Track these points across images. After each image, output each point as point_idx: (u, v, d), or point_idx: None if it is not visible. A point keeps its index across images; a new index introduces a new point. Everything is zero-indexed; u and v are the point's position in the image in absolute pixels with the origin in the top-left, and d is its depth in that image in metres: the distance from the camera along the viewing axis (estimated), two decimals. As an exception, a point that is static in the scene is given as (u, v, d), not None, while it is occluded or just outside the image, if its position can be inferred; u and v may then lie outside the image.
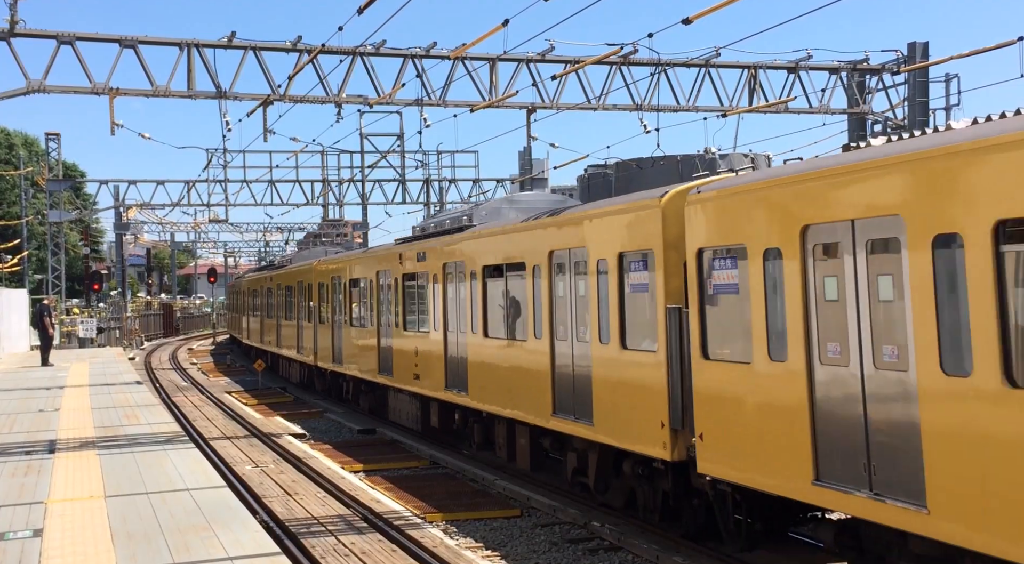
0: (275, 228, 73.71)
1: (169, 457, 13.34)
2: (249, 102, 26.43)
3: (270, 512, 12.92)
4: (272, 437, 19.92)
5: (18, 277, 60.01)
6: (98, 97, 24.93)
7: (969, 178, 7.16)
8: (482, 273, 15.53)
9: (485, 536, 12.33)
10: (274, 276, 35.58)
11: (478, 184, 53.13)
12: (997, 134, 7.07)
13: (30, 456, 13.70)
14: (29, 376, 27.57)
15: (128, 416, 18.00)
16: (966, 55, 23.10)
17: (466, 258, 16.30)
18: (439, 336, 17.47)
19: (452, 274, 17.01)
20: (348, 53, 26.15)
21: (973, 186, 7.12)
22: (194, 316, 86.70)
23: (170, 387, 31.84)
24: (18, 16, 23.25)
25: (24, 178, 58.01)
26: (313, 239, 62.54)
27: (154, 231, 78.85)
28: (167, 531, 9.03)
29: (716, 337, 10.10)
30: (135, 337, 56.32)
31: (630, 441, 11.42)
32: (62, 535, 9.00)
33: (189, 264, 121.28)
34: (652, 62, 28.42)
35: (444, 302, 17.26)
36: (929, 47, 29.41)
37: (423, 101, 27.56)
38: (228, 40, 25.88)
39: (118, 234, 60.16)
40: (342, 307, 24.41)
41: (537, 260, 13.67)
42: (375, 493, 14.28)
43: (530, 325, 13.87)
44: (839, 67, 30.65)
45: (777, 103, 29.53)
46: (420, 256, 18.53)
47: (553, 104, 28.51)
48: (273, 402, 27.55)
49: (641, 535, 11.46)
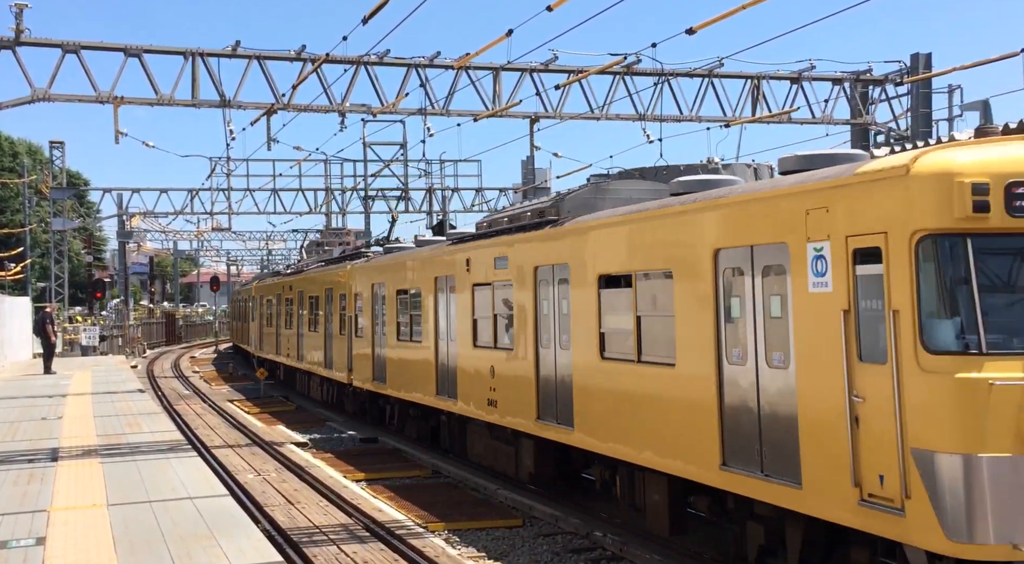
0: (278, 236, 73.76)
1: (171, 465, 13.33)
2: (253, 111, 26.49)
3: (272, 521, 12.92)
4: (274, 446, 19.91)
5: (21, 285, 60.05)
6: (102, 106, 24.98)
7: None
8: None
9: (487, 545, 12.31)
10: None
11: (481, 193, 53.20)
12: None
13: (32, 464, 13.70)
14: (32, 384, 27.58)
15: (130, 424, 18.00)
16: (969, 66, 23.11)
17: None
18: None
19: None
20: (352, 62, 26.20)
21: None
22: (196, 324, 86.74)
23: (172, 395, 31.84)
24: (24, 25, 23.34)
25: (28, 186, 58.09)
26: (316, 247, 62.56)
27: (157, 239, 78.96)
28: (169, 539, 9.02)
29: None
30: (137, 345, 56.35)
31: None
32: (64, 543, 8.99)
33: (192, 272, 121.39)
34: (655, 72, 28.46)
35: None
36: (932, 58, 29.42)
37: (426, 110, 27.62)
38: (232, 49, 25.95)
39: (121, 242, 60.27)
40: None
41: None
42: (377, 502, 14.27)
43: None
44: (842, 78, 30.68)
45: (780, 113, 29.56)
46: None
47: (556, 114, 28.55)
48: (275, 411, 27.54)
49: (643, 545, 11.44)
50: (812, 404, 8.34)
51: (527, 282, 14.08)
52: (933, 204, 7.31)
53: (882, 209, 7.70)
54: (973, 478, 6.93)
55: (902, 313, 7.44)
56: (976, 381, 7.05)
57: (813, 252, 8.36)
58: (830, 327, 8.11)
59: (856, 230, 7.94)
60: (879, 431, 7.62)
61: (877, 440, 7.63)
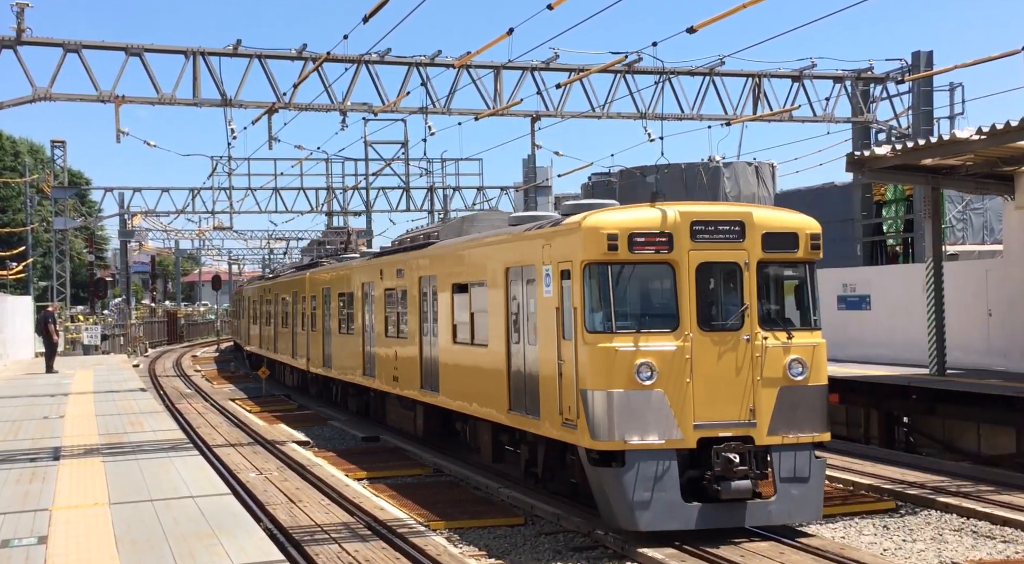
0: (279, 236, 73.78)
1: (173, 464, 13.36)
2: (254, 110, 26.49)
3: (274, 519, 12.93)
4: (276, 444, 19.93)
5: (23, 284, 60.11)
6: (104, 105, 24.99)
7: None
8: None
9: (489, 544, 12.33)
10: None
11: (482, 192, 53.19)
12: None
13: (35, 463, 13.72)
14: (34, 383, 27.62)
15: (132, 423, 18.03)
16: (970, 64, 23.11)
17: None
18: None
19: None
20: (353, 61, 26.20)
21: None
22: (198, 323, 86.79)
23: (174, 394, 31.87)
24: (25, 24, 23.35)
25: (29, 185, 58.13)
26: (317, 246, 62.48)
27: (158, 238, 78.94)
28: (171, 538, 9.04)
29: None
30: (139, 344, 56.39)
31: None
32: (66, 542, 9.01)
33: (193, 271, 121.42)
34: (656, 70, 28.44)
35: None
36: (933, 56, 29.39)
37: (428, 109, 27.61)
38: (233, 48, 25.95)
39: (123, 241, 60.25)
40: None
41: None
42: (379, 501, 14.28)
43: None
44: (843, 76, 30.66)
45: (781, 112, 29.54)
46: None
47: (557, 112, 28.55)
48: (277, 409, 27.56)
49: (646, 544, 11.46)
50: (544, 367, 13.02)
51: (415, 288, 18.69)
52: (591, 245, 12.00)
53: (570, 247, 12.38)
54: (607, 404, 11.63)
55: (577, 309, 12.04)
56: (609, 348, 11.77)
57: (545, 271, 12.99)
58: (552, 318, 12.73)
59: (561, 258, 12.55)
60: (568, 380, 12.24)
61: (569, 385, 12.24)
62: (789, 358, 12.09)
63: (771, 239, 12.30)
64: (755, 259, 12.19)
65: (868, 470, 15.80)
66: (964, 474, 15.46)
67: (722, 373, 11.93)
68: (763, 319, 12.23)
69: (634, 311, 12.19)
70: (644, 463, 11.46)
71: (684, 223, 12.04)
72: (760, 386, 11.94)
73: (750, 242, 12.19)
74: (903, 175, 20.66)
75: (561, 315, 12.49)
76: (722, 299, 12.29)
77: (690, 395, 11.74)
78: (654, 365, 11.68)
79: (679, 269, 11.97)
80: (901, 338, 22.75)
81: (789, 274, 12.64)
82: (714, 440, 11.72)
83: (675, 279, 11.98)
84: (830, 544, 11.53)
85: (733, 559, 10.73)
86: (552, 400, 12.65)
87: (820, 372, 12.24)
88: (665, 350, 11.79)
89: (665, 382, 11.70)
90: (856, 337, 24.10)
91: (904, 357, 22.33)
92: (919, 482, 14.71)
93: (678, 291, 11.97)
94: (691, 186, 44.86)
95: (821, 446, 12.26)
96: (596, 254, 11.92)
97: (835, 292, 24.83)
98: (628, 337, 11.78)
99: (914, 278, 22.01)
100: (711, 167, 42.49)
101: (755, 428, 11.84)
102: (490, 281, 15.03)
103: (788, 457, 11.86)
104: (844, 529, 12.73)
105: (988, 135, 16.07)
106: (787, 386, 12.01)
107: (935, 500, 13.62)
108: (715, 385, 11.87)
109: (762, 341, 12.04)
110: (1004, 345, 20.57)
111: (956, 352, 20.80)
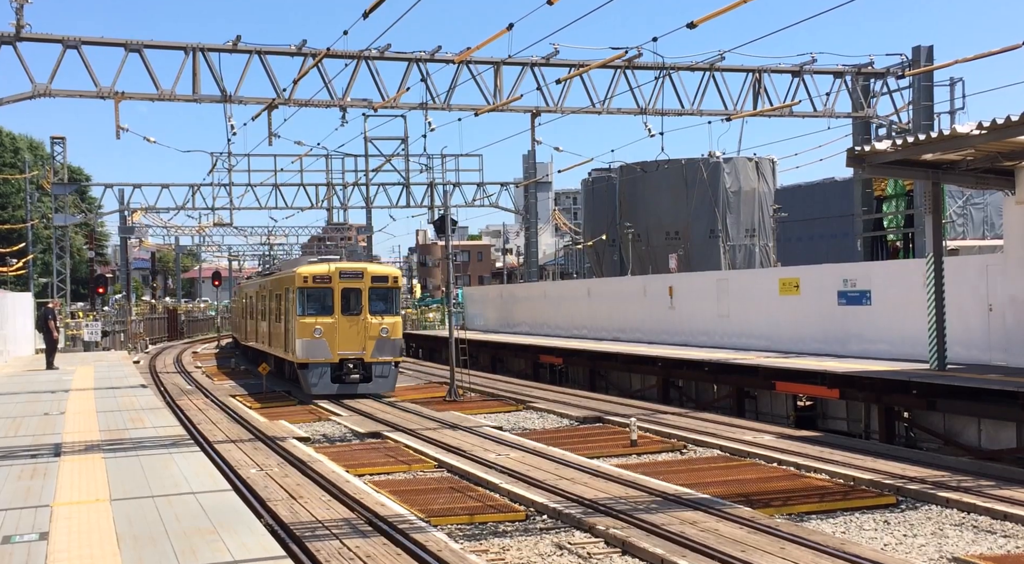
0: (279, 231, 73.79)
1: (174, 460, 13.36)
2: (254, 106, 26.50)
3: (275, 516, 12.93)
4: (277, 441, 19.94)
5: (23, 280, 60.13)
6: (103, 101, 25.01)
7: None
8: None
9: (490, 539, 12.33)
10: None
11: (482, 188, 53.16)
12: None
13: (35, 459, 13.73)
14: (34, 379, 27.64)
15: (133, 419, 18.03)
16: (971, 59, 23.11)
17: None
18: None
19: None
20: (353, 57, 26.19)
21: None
22: (198, 319, 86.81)
23: (175, 390, 31.90)
24: (24, 20, 23.35)
25: (29, 182, 58.11)
26: (317, 242, 62.48)
27: (159, 235, 79.07)
28: (173, 534, 9.04)
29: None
30: (139, 341, 56.41)
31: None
32: (67, 538, 9.01)
33: (193, 267, 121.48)
34: (656, 66, 28.43)
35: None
36: (934, 51, 29.38)
37: (427, 105, 27.62)
38: (233, 44, 25.94)
39: (123, 237, 60.30)
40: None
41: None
42: (379, 496, 14.28)
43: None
44: (844, 71, 30.64)
45: (781, 107, 29.53)
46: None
47: (557, 108, 28.54)
48: (277, 405, 27.58)
49: (647, 538, 11.47)
50: (288, 329, 29.56)
51: (270, 296, 34.27)
52: (299, 280, 28.27)
53: (293, 281, 28.52)
54: (304, 344, 28.10)
55: (294, 305, 28.67)
56: (304, 321, 27.85)
57: (287, 289, 29.28)
58: (291, 309, 28.88)
59: (291, 285, 28.84)
60: (292, 334, 28.91)
61: (292, 336, 28.87)
62: (381, 326, 28.08)
63: (375, 278, 28.51)
64: (367, 287, 28.23)
65: (869, 465, 15.79)
66: (965, 469, 15.45)
67: (352, 333, 27.96)
68: (371, 310, 28.24)
69: (315, 307, 28.11)
70: (316, 368, 27.86)
71: (336, 271, 28.23)
72: (367, 337, 28.00)
73: (366, 279, 28.35)
74: (903, 170, 20.65)
75: (293, 307, 28.45)
76: (352, 303, 28.16)
77: (336, 341, 27.82)
78: (322, 329, 27.78)
79: (335, 290, 28.11)
80: (901, 333, 22.74)
81: (383, 292, 28.58)
82: (346, 359, 27.91)
83: (332, 294, 28.07)
84: (831, 539, 11.54)
85: (734, 553, 10.74)
86: (289, 342, 29.22)
87: (397, 332, 28.33)
88: (327, 323, 27.90)
89: (327, 336, 27.80)
90: (856, 332, 24.08)
91: (904, 352, 22.32)
92: (920, 477, 14.71)
93: (334, 299, 28.04)
94: (691, 181, 44.87)
95: (398, 364, 28.73)
96: (301, 284, 28.12)
97: (835, 287, 24.73)
98: (312, 317, 27.91)
99: (915, 273, 21.99)
100: (711, 162, 42.49)
101: (365, 353, 27.95)
102: (280, 293, 31.37)
103: (379, 367, 28.16)
104: (845, 524, 12.74)
105: (989, 130, 16.07)
106: (379, 338, 28.04)
107: (936, 495, 13.62)
108: (348, 337, 27.91)
109: (370, 319, 28.09)
110: (1005, 340, 20.55)
111: (957, 347, 20.80)
